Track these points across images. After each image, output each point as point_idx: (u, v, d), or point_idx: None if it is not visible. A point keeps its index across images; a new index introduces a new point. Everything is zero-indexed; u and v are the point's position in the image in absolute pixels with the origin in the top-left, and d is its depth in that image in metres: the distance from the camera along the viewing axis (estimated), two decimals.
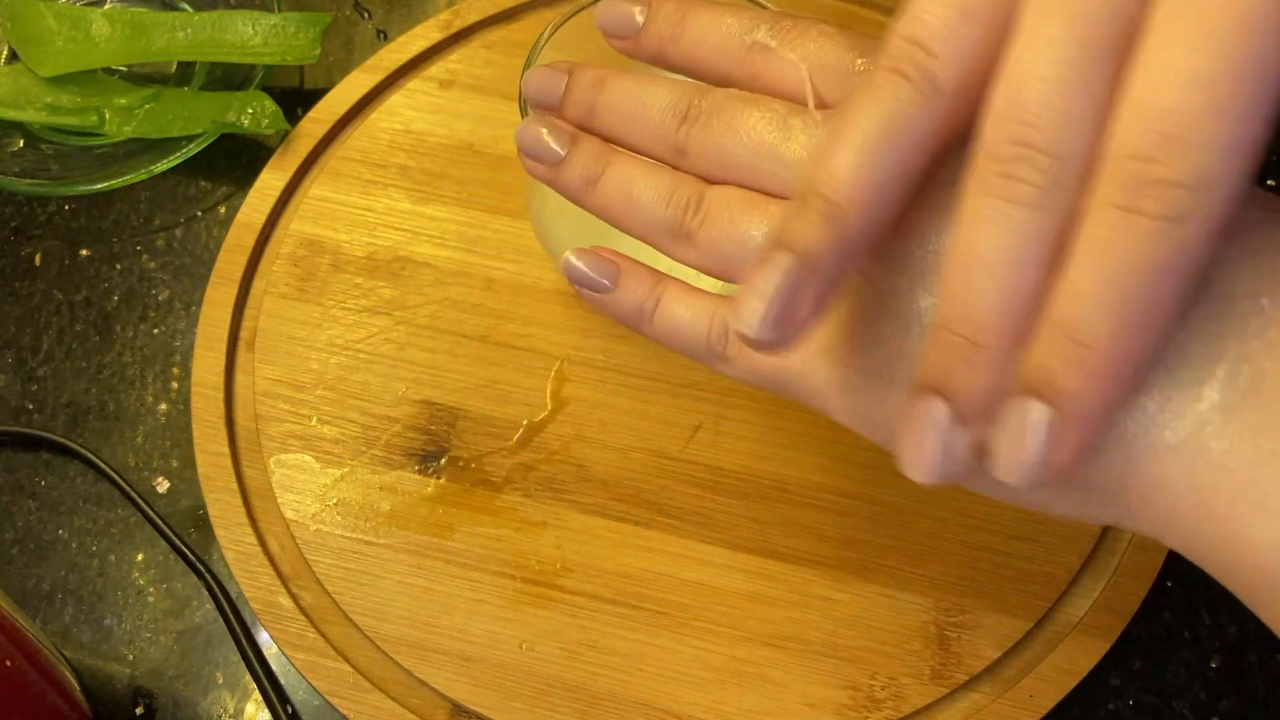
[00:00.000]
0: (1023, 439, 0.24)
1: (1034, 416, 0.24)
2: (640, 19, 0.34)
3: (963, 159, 0.26)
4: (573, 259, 0.34)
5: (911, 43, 0.26)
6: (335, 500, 0.44)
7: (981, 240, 0.24)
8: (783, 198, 0.31)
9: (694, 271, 0.33)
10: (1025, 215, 0.24)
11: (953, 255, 0.25)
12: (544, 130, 0.34)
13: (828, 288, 0.26)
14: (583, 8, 0.43)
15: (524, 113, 0.41)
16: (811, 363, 0.31)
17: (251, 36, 0.52)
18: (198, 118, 0.51)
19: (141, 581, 0.45)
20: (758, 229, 0.30)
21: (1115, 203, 0.23)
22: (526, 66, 0.42)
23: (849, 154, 0.26)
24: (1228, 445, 0.24)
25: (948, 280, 0.25)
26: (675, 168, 0.33)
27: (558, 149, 0.34)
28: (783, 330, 0.26)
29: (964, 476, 0.26)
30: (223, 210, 0.52)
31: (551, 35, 0.43)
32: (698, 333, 0.33)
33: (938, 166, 0.27)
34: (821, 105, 0.31)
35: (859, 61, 0.30)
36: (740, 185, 0.31)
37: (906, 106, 0.25)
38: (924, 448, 0.25)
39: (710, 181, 0.32)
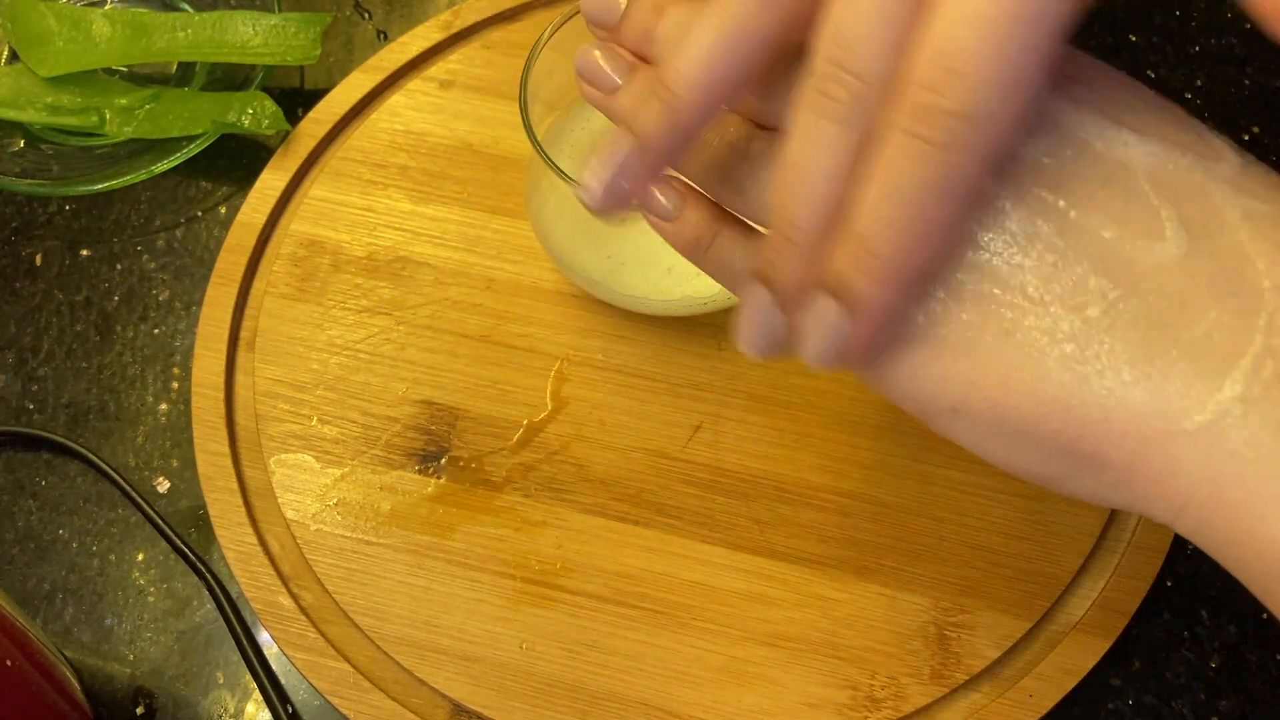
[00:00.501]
0: (819, 327, 0.28)
1: (829, 309, 0.28)
2: (620, 9, 0.34)
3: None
4: (661, 186, 0.33)
5: None
6: (335, 500, 0.44)
7: (797, 151, 0.27)
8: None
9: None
10: (835, 130, 0.27)
11: (778, 164, 0.28)
12: (601, 57, 0.34)
13: (654, 167, 0.31)
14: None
15: (524, 112, 0.41)
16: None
17: (252, 37, 0.52)
18: (198, 118, 0.51)
19: (142, 581, 0.45)
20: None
21: (902, 127, 0.25)
22: (527, 67, 0.42)
23: (693, 54, 0.28)
24: (1248, 436, 0.25)
25: (773, 185, 0.28)
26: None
27: (615, 77, 0.34)
28: (609, 201, 0.31)
29: (778, 351, 0.30)
30: (223, 210, 0.52)
31: (551, 35, 0.43)
32: (743, 273, 0.32)
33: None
34: None
35: None
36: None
37: (748, 14, 0.28)
38: (747, 324, 0.30)
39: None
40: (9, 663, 0.37)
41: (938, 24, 0.25)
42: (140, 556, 0.45)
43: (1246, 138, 0.52)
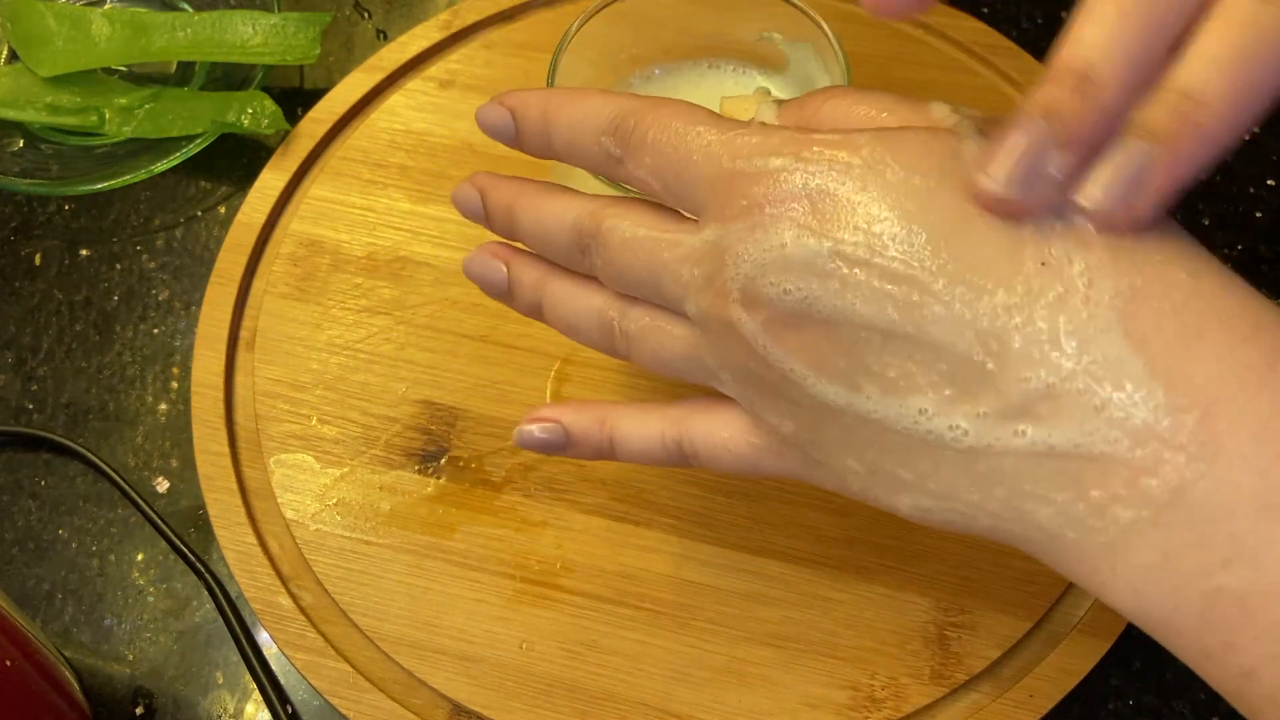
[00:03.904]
0: (1118, 169, 0.26)
1: (1134, 149, 0.25)
2: (513, 126, 0.35)
3: None
4: (528, 429, 0.36)
5: None
6: (335, 500, 0.44)
7: None
8: (680, 313, 0.32)
9: None
10: None
11: (1091, 5, 0.26)
12: (487, 262, 0.37)
13: (1076, 153, 0.26)
14: (606, 5, 0.43)
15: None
16: (767, 448, 0.33)
17: (251, 36, 0.52)
18: (198, 118, 0.51)
19: (141, 581, 0.45)
20: (670, 348, 0.33)
21: None
22: (552, 70, 0.42)
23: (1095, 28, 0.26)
24: (1069, 541, 0.27)
25: (1083, 21, 0.26)
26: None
27: (504, 275, 0.37)
28: (1027, 188, 0.27)
29: (1040, 205, 0.27)
30: (223, 210, 0.52)
31: (572, 37, 0.43)
32: (655, 449, 0.35)
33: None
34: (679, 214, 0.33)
35: (695, 154, 0.31)
36: (647, 301, 0.33)
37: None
38: (1016, 159, 0.26)
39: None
40: (8, 663, 0.37)
41: None
42: (140, 556, 0.45)
43: (1247, 137, 0.52)
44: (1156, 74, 0.26)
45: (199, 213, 0.52)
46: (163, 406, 0.48)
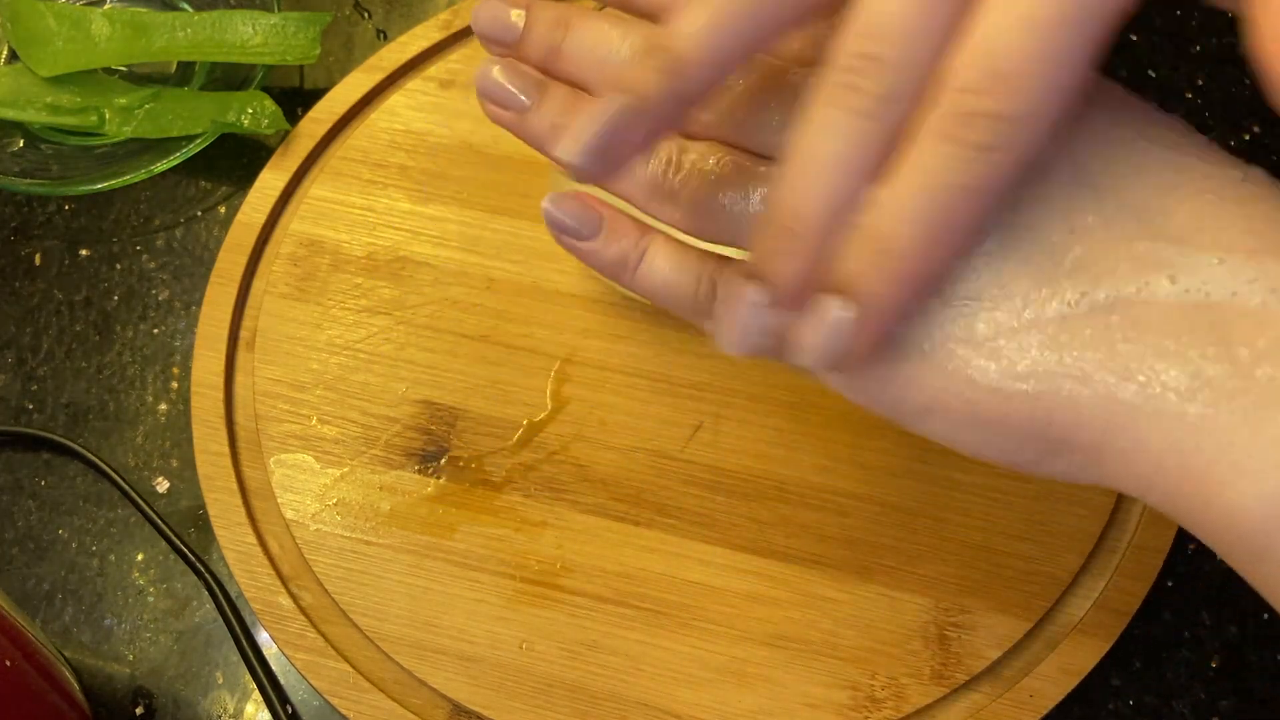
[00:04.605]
0: (822, 327, 0.27)
1: (836, 311, 0.27)
2: (519, 25, 0.32)
3: None
4: (551, 207, 0.31)
5: None
6: (335, 500, 0.44)
7: (816, 143, 0.26)
8: (765, 156, 0.30)
9: None
10: (858, 124, 0.26)
11: (790, 154, 0.27)
12: (508, 75, 0.32)
13: (650, 133, 0.28)
14: (606, 4, 0.43)
15: None
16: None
17: (251, 36, 0.52)
18: (198, 118, 0.51)
19: (141, 581, 0.45)
20: (743, 192, 0.30)
21: (939, 131, 0.25)
22: None
23: (700, 14, 0.27)
24: (1203, 409, 0.25)
25: (782, 176, 0.27)
26: None
27: (523, 97, 0.32)
28: (597, 161, 0.28)
29: (768, 352, 0.29)
30: (223, 210, 0.52)
31: None
32: (685, 291, 0.32)
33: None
34: None
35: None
36: (719, 140, 0.31)
37: None
38: (734, 323, 0.28)
39: (690, 137, 0.31)
40: (8, 663, 0.37)
41: (984, 24, 0.24)
42: (140, 556, 0.45)
43: (1247, 137, 0.52)
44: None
45: (199, 213, 0.52)
46: (163, 406, 0.48)
